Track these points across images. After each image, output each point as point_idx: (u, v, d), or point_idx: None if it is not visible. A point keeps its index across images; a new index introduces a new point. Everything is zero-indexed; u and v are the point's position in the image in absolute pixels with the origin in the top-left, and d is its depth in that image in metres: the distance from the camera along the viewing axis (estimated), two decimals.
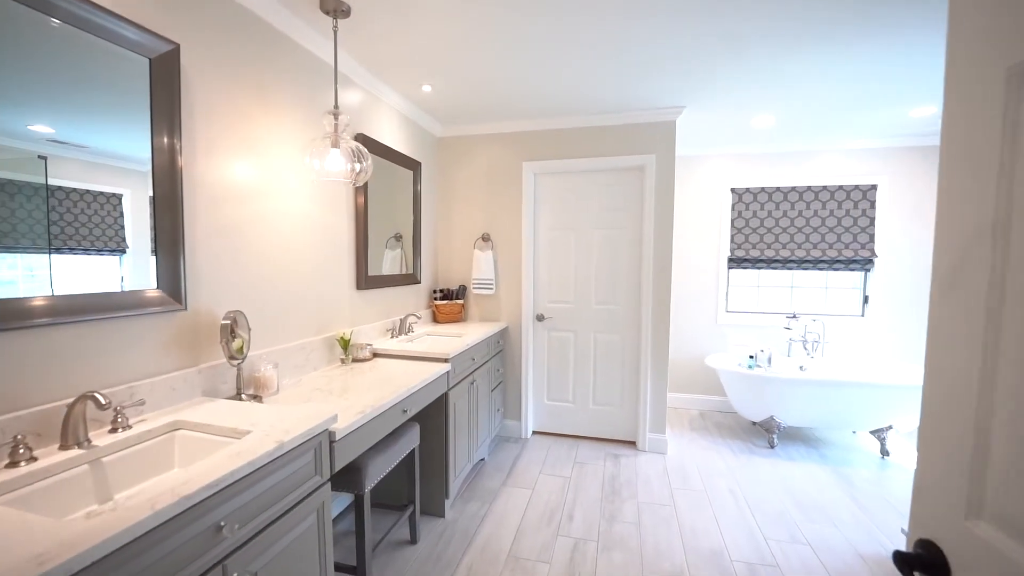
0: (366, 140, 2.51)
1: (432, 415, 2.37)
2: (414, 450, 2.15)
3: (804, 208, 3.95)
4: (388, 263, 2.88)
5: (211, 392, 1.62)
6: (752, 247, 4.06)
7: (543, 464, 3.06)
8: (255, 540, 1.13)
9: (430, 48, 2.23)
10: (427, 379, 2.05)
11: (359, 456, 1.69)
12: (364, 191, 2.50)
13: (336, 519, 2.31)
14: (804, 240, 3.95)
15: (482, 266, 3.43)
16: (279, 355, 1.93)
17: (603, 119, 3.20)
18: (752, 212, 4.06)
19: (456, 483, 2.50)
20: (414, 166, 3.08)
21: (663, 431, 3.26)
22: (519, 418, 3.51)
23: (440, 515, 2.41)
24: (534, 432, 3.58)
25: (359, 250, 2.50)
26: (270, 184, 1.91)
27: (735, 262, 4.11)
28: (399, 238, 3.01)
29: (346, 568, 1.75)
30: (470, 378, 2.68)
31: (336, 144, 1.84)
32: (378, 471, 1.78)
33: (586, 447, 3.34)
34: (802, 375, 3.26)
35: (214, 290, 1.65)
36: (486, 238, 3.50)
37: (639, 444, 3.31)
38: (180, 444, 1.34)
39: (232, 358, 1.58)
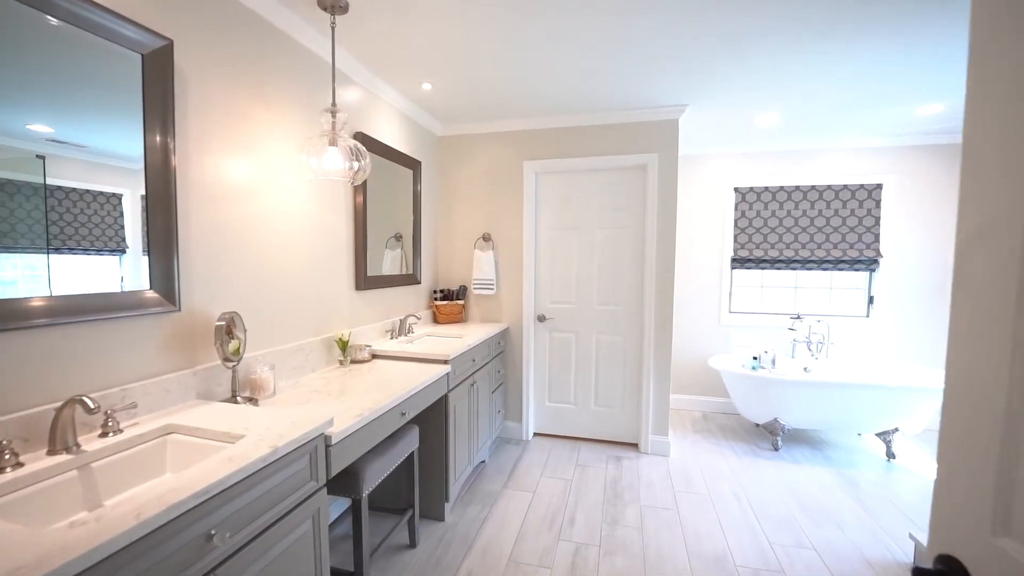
0: (365, 139, 2.48)
1: (432, 417, 2.34)
2: (413, 453, 2.12)
3: (808, 208, 3.91)
4: (388, 263, 2.84)
5: (206, 395, 1.59)
6: (756, 247, 4.02)
7: (544, 466, 3.02)
8: (248, 548, 1.10)
9: (430, 46, 2.20)
10: (426, 381, 2.02)
11: (356, 460, 1.66)
12: (363, 190, 2.47)
13: (334, 523, 2.28)
14: (808, 240, 3.91)
15: (483, 266, 3.40)
16: (276, 357, 1.90)
17: (605, 117, 3.16)
18: (756, 212, 4.02)
19: (456, 486, 2.47)
20: (414, 165, 3.05)
21: (666, 433, 3.22)
22: (520, 420, 3.48)
23: (440, 519, 2.38)
24: (535, 434, 3.55)
25: (358, 250, 2.47)
26: (267, 183, 1.88)
27: (738, 262, 4.07)
28: (399, 238, 2.98)
29: (344, 574, 1.72)
30: (470, 379, 2.65)
31: (334, 142, 1.81)
32: (376, 475, 1.74)
33: (588, 449, 3.30)
34: (806, 377, 3.22)
35: (209, 291, 1.62)
36: (487, 238, 3.47)
37: (641, 446, 3.27)
38: (172, 448, 1.31)
39: (227, 360, 1.55)
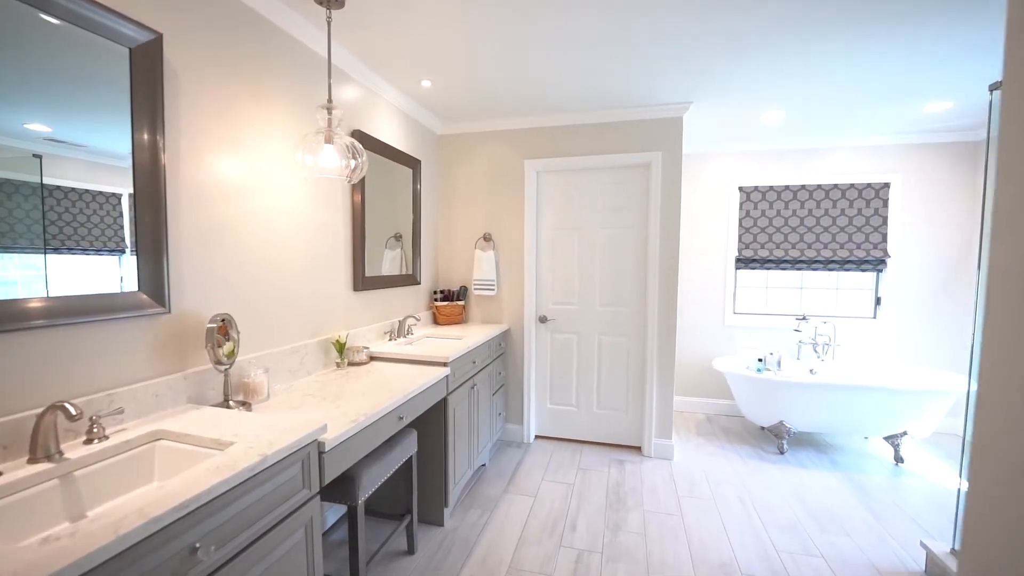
0: (363, 137, 2.43)
1: (431, 420, 2.29)
2: (412, 457, 2.07)
3: (814, 207, 3.85)
4: (388, 263, 2.80)
5: (197, 399, 1.55)
6: (761, 247, 3.96)
7: (546, 470, 2.98)
8: (236, 560, 1.05)
9: (429, 42, 2.16)
10: (425, 384, 1.98)
11: (352, 466, 1.62)
12: (361, 189, 2.43)
13: (332, 528, 2.23)
14: (814, 240, 3.85)
15: (483, 266, 3.35)
16: (271, 359, 1.86)
17: (607, 115, 3.11)
18: (760, 211, 3.96)
19: (456, 491, 2.42)
20: (413, 164, 3.01)
21: (669, 436, 3.17)
22: (521, 422, 3.43)
23: (439, 524, 2.33)
24: (537, 437, 3.50)
25: (356, 250, 2.43)
26: (263, 182, 1.84)
27: (743, 262, 4.02)
28: (399, 238, 2.93)
29: None
30: (471, 382, 2.60)
31: (330, 139, 1.77)
32: (372, 481, 1.70)
33: (590, 452, 3.25)
34: (813, 379, 3.17)
35: (202, 292, 1.58)
36: (488, 238, 3.42)
37: (644, 449, 3.22)
38: (161, 455, 1.26)
39: (219, 363, 1.51)
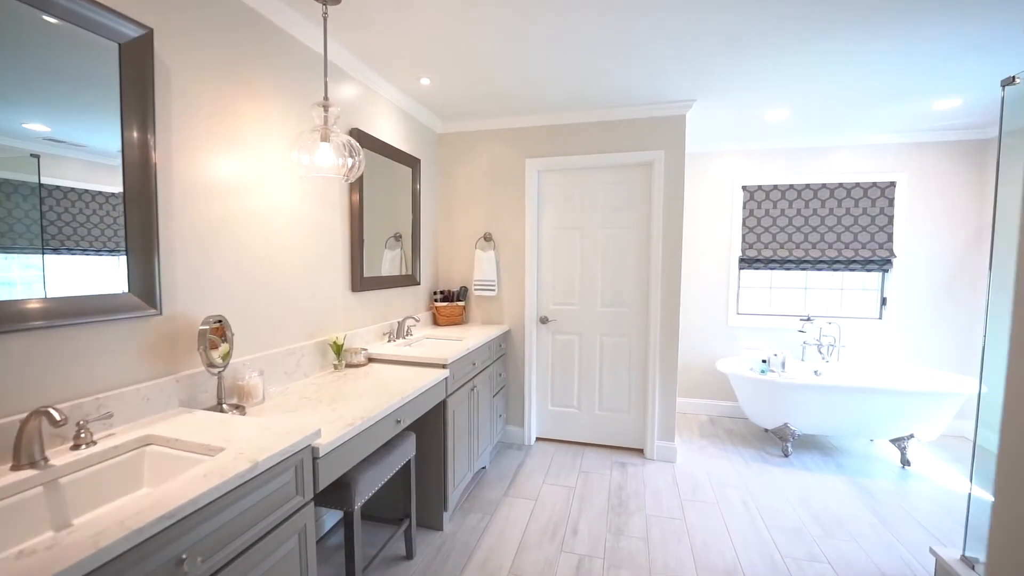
0: (361, 135, 2.40)
1: (430, 423, 2.26)
2: (410, 461, 2.03)
3: (819, 206, 3.80)
4: (388, 263, 2.77)
5: (190, 402, 1.51)
6: (764, 247, 3.92)
7: (547, 473, 2.94)
8: (225, 571, 1.02)
9: (428, 40, 2.12)
10: (423, 387, 1.94)
11: (348, 471, 1.58)
12: (359, 188, 2.40)
13: (329, 532, 2.20)
14: (819, 240, 3.80)
15: (484, 267, 3.31)
16: (266, 361, 1.83)
17: (609, 113, 3.07)
18: (764, 211, 3.92)
19: (455, 494, 2.39)
20: (413, 163, 2.98)
21: (672, 438, 3.13)
22: (522, 424, 3.40)
23: (438, 528, 2.30)
24: (538, 439, 3.47)
25: (354, 250, 2.40)
26: (258, 181, 1.80)
27: (747, 262, 3.97)
28: (399, 238, 2.90)
29: None
30: (470, 384, 2.57)
31: (326, 137, 1.73)
32: (369, 486, 1.67)
33: (592, 455, 3.22)
34: (818, 380, 3.12)
35: (194, 293, 1.55)
36: (488, 238, 3.39)
37: (647, 452, 3.18)
38: (150, 461, 1.23)
39: (211, 366, 1.47)
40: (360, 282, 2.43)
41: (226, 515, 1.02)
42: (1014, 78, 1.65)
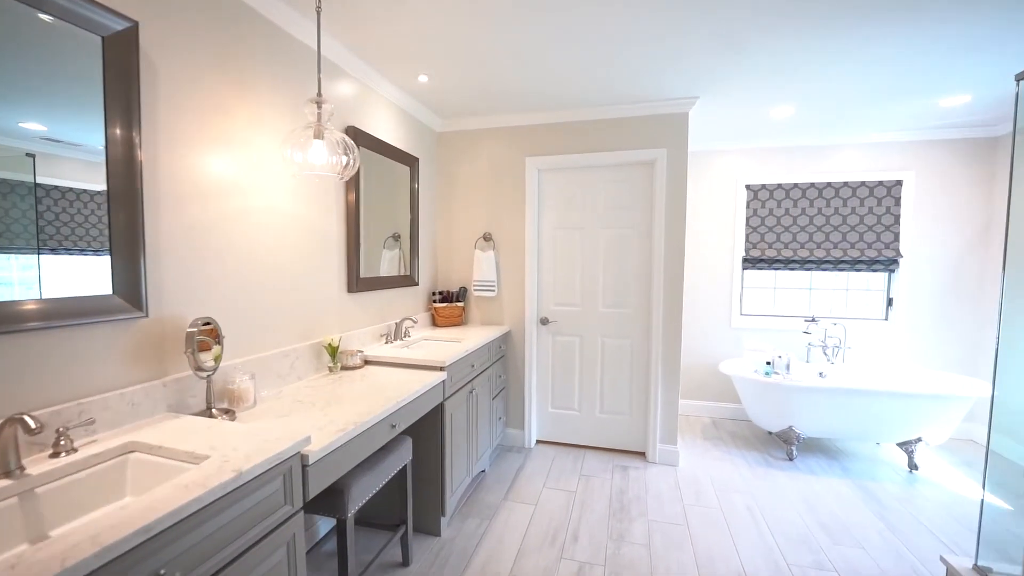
0: (358, 133, 2.36)
1: (427, 427, 2.21)
2: (406, 466, 1.99)
3: (824, 205, 3.74)
4: (386, 264, 2.73)
5: (178, 407, 1.47)
6: (768, 247, 3.86)
7: (547, 476, 2.89)
8: None
9: (426, 35, 2.08)
10: (419, 390, 1.90)
11: (341, 477, 1.54)
12: (355, 188, 2.35)
13: (323, 539, 2.16)
14: (824, 239, 3.74)
15: (483, 267, 3.27)
16: (258, 364, 1.79)
17: (610, 111, 3.02)
18: (768, 210, 3.86)
19: (453, 499, 2.34)
20: (411, 162, 2.93)
21: (675, 442, 3.07)
22: (522, 427, 3.35)
23: (436, 534, 2.25)
24: (538, 441, 3.42)
25: (350, 250, 2.36)
26: (250, 179, 1.76)
27: (750, 262, 3.91)
28: (397, 238, 2.86)
29: None
30: (469, 386, 2.52)
31: (319, 135, 1.68)
32: (363, 493, 1.62)
33: (593, 458, 3.17)
34: (823, 383, 3.06)
35: (183, 294, 1.51)
36: (487, 237, 3.34)
37: (649, 455, 3.13)
38: (133, 469, 1.19)
39: (199, 369, 1.43)
40: (356, 283, 2.39)
41: (208, 527, 0.98)
42: None
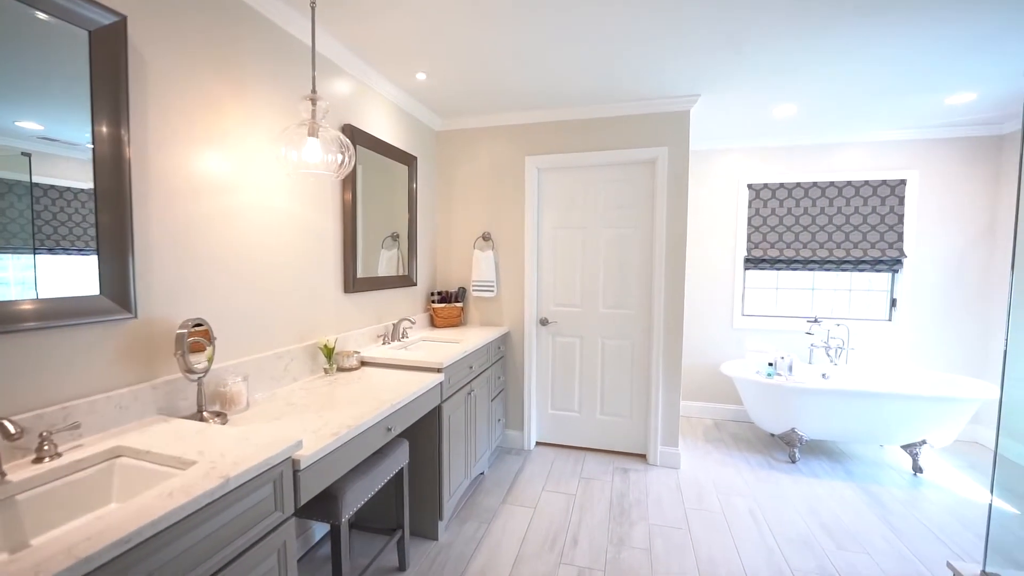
0: (355, 131, 2.33)
1: (424, 429, 2.18)
2: (402, 469, 1.96)
3: (827, 205, 3.70)
4: (384, 264, 2.70)
5: (169, 410, 1.44)
6: (770, 247, 3.82)
7: (546, 479, 2.86)
8: None
9: (423, 32, 2.05)
10: (416, 392, 1.86)
11: (335, 482, 1.51)
12: (352, 187, 2.32)
13: (318, 543, 2.13)
14: (827, 239, 3.70)
15: (482, 267, 3.24)
16: (252, 366, 1.75)
17: (611, 109, 2.98)
18: (771, 209, 3.82)
19: (451, 503, 2.31)
20: (409, 161, 2.90)
21: (676, 444, 3.04)
22: (522, 429, 3.31)
23: (433, 538, 2.22)
24: (538, 443, 3.38)
25: (346, 250, 2.32)
26: (243, 178, 1.73)
27: (752, 262, 3.87)
28: (396, 237, 2.83)
29: None
30: (467, 388, 2.49)
31: (314, 132, 1.65)
32: (358, 497, 1.59)
33: (593, 460, 3.13)
34: (827, 384, 3.02)
35: (174, 295, 1.48)
36: (487, 237, 3.31)
37: (650, 457, 3.09)
38: (120, 474, 1.16)
39: (190, 372, 1.40)
40: (353, 283, 2.36)
41: (194, 536, 0.95)
42: None
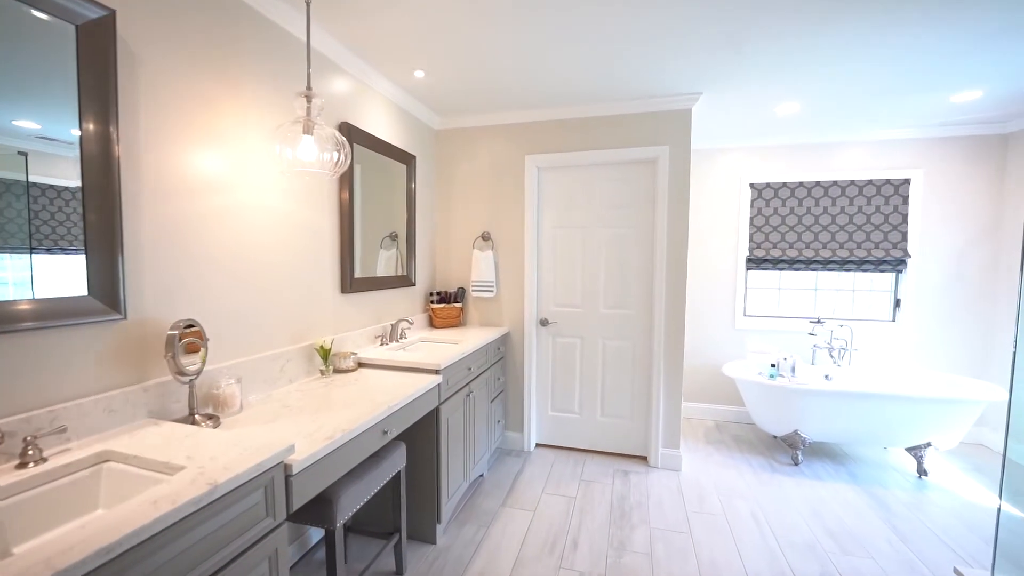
0: (352, 129, 2.30)
1: (422, 431, 2.15)
2: (400, 473, 1.93)
3: (830, 204, 3.66)
4: (383, 264, 2.67)
5: (160, 413, 1.41)
6: (773, 246, 3.78)
7: (546, 481, 2.82)
8: None
9: (421, 29, 2.02)
10: (413, 394, 1.84)
11: (329, 486, 1.48)
12: (349, 185, 2.29)
13: (314, 547, 2.10)
14: (829, 239, 3.66)
15: (482, 267, 3.21)
16: (246, 367, 1.73)
17: (612, 108, 2.95)
18: (773, 209, 3.78)
19: (449, 506, 2.28)
20: (408, 160, 2.87)
21: (677, 446, 3.00)
22: (521, 430, 3.28)
23: (431, 541, 2.19)
24: (537, 445, 3.35)
25: (344, 250, 2.30)
26: (237, 176, 1.70)
27: (754, 263, 3.84)
28: (395, 237, 2.80)
29: None
30: (466, 389, 2.46)
31: (308, 130, 1.63)
32: (353, 502, 1.56)
33: (593, 462, 3.10)
34: (830, 386, 2.99)
35: (166, 296, 1.45)
36: (486, 237, 3.28)
37: (651, 460, 3.06)
38: (108, 479, 1.13)
39: (181, 374, 1.37)
40: (350, 283, 2.33)
41: (180, 544, 0.92)
42: None
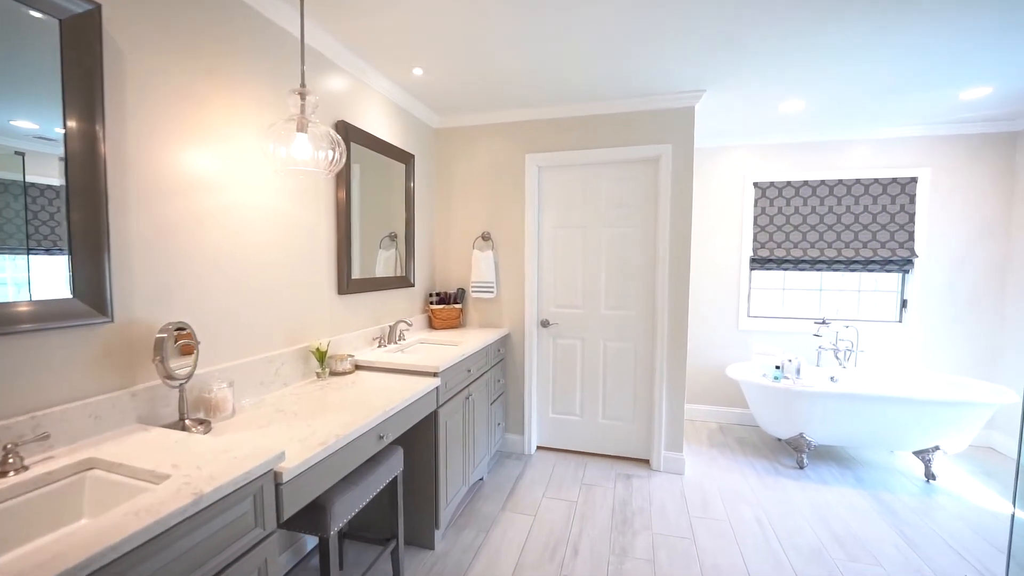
0: (349, 128, 2.26)
1: (420, 435, 2.11)
2: (397, 478, 1.89)
3: (835, 204, 3.61)
4: (382, 264, 2.63)
5: (149, 418, 1.38)
6: (777, 246, 3.73)
7: (547, 485, 2.78)
8: None
9: (420, 25, 1.98)
10: (410, 398, 1.80)
11: (323, 493, 1.44)
12: (346, 185, 2.26)
13: (310, 554, 2.06)
14: (835, 239, 3.61)
15: (482, 267, 3.17)
16: (239, 371, 1.69)
17: (613, 105, 2.91)
18: (777, 208, 3.73)
19: (448, 510, 2.24)
20: (406, 159, 2.83)
21: (680, 449, 2.96)
22: (522, 432, 3.24)
23: (429, 547, 2.15)
24: (538, 448, 3.31)
25: (340, 250, 2.26)
26: (230, 175, 1.67)
27: (758, 263, 3.79)
28: (394, 237, 2.76)
29: None
30: (465, 392, 2.42)
31: (303, 128, 1.59)
32: (348, 508, 1.52)
33: (595, 465, 3.06)
34: (836, 388, 2.94)
35: (155, 298, 1.41)
36: (486, 237, 3.24)
37: (653, 463, 3.02)
38: (92, 488, 1.09)
39: (170, 378, 1.34)
40: (347, 284, 2.29)
41: (165, 556, 0.88)
42: None
